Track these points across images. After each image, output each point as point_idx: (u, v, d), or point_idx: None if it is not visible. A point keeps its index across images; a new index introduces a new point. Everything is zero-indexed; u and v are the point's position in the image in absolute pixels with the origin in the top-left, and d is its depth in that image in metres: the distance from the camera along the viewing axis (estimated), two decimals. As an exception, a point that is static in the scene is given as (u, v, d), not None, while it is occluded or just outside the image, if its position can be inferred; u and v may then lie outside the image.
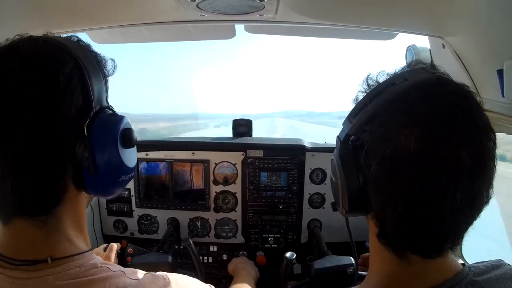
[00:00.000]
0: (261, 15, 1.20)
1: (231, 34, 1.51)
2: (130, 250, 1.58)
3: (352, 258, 1.39)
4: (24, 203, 0.63)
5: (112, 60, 0.76)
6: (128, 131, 0.72)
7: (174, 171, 1.83)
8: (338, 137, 0.74)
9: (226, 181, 1.83)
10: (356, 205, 0.69)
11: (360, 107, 0.69)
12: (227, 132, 2.09)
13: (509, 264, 0.72)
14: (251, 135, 1.98)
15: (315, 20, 1.25)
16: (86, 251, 0.69)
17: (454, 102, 0.61)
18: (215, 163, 1.83)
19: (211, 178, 1.84)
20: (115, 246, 1.48)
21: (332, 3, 1.14)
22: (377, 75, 0.73)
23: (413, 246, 0.63)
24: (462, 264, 0.69)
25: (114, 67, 0.76)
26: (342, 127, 0.75)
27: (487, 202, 0.62)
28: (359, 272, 1.37)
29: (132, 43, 1.69)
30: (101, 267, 0.67)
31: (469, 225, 0.63)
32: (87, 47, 0.72)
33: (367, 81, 0.74)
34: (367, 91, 0.72)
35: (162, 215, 1.90)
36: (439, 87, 0.63)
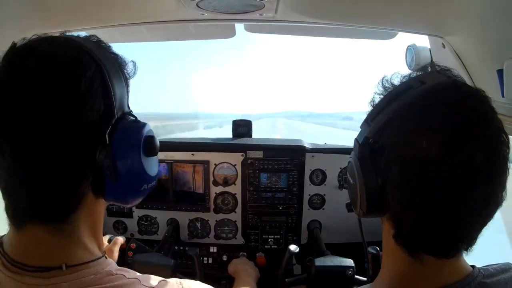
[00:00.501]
0: (261, 14, 1.20)
1: (231, 33, 1.52)
2: (132, 245, 1.57)
3: (352, 261, 1.39)
4: (40, 209, 0.61)
5: (133, 62, 0.73)
6: (151, 139, 0.70)
7: (174, 172, 1.83)
8: (356, 139, 0.75)
9: (226, 182, 1.83)
10: (374, 207, 0.70)
11: (378, 110, 0.70)
12: (219, 133, 2.08)
13: None
14: (251, 136, 1.98)
15: (315, 19, 1.25)
16: (101, 257, 0.67)
17: (471, 106, 0.62)
18: (215, 164, 1.83)
19: (211, 179, 1.83)
20: (120, 240, 1.46)
21: (332, 2, 1.14)
22: (392, 77, 0.74)
23: (429, 246, 0.64)
24: (472, 266, 0.69)
25: (135, 70, 0.74)
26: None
27: (500, 204, 0.63)
28: (356, 276, 1.37)
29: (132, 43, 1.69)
30: (116, 274, 0.65)
31: (483, 226, 0.64)
32: (107, 49, 0.70)
33: (382, 83, 0.75)
34: (384, 94, 0.73)
35: (162, 216, 1.89)
36: (456, 91, 0.64)
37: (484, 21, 1.01)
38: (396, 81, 0.73)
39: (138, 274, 0.69)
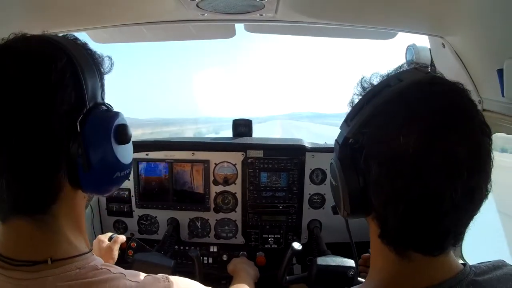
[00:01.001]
0: (261, 15, 1.20)
1: (231, 33, 1.51)
2: (133, 244, 1.58)
3: (353, 262, 1.39)
4: (19, 201, 0.62)
5: (109, 57, 0.75)
6: (123, 127, 0.71)
7: (174, 171, 1.83)
8: (336, 140, 0.75)
9: (226, 181, 1.83)
10: (357, 207, 0.70)
11: (357, 110, 0.70)
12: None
13: (510, 265, 0.72)
14: (251, 135, 1.98)
15: (315, 19, 1.25)
16: (87, 252, 0.68)
17: (449, 100, 0.62)
18: (215, 163, 1.83)
19: (211, 178, 1.84)
20: (120, 238, 1.46)
21: (332, 2, 1.14)
22: (371, 77, 0.74)
23: (415, 243, 0.64)
24: (463, 264, 0.69)
25: (111, 65, 0.76)
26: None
27: (486, 197, 0.63)
28: (358, 278, 1.37)
29: (131, 43, 1.69)
30: (102, 269, 0.66)
31: (469, 220, 0.64)
32: (83, 45, 0.72)
33: (361, 84, 0.75)
34: (362, 94, 0.73)
35: (162, 216, 1.89)
36: (434, 86, 0.64)
37: (484, 21, 1.01)
38: (376, 81, 0.73)
39: (123, 269, 0.70)
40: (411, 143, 0.58)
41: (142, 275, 0.71)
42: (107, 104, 0.73)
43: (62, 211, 0.67)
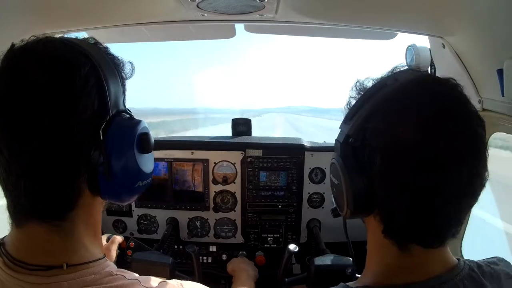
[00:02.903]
0: (261, 15, 1.20)
1: (231, 33, 1.52)
2: (131, 244, 1.58)
3: (351, 260, 1.39)
4: (37, 207, 0.62)
5: (130, 63, 0.75)
6: (145, 136, 0.70)
7: (173, 170, 1.83)
8: (337, 140, 0.76)
9: (225, 181, 1.83)
10: (362, 205, 0.70)
11: (356, 108, 0.73)
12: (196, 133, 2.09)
13: (506, 261, 0.75)
14: (250, 134, 1.97)
15: (315, 20, 1.25)
16: (101, 258, 0.68)
17: (447, 93, 0.65)
18: (214, 163, 1.83)
19: (211, 177, 1.83)
20: (117, 238, 1.46)
21: (332, 3, 1.14)
22: (364, 81, 0.77)
23: (417, 235, 0.65)
24: (457, 258, 0.71)
25: (132, 70, 0.75)
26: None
27: (484, 185, 0.65)
28: (357, 275, 1.38)
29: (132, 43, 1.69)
30: (116, 274, 0.66)
31: (469, 208, 0.67)
32: (104, 50, 0.71)
33: (356, 87, 0.78)
34: (358, 96, 0.76)
35: (161, 215, 1.89)
36: (430, 82, 0.69)
37: (484, 21, 1.01)
38: (369, 85, 0.76)
39: (137, 275, 0.69)
40: (412, 133, 0.61)
41: (156, 281, 0.71)
42: (129, 111, 0.72)
43: (80, 217, 0.66)
